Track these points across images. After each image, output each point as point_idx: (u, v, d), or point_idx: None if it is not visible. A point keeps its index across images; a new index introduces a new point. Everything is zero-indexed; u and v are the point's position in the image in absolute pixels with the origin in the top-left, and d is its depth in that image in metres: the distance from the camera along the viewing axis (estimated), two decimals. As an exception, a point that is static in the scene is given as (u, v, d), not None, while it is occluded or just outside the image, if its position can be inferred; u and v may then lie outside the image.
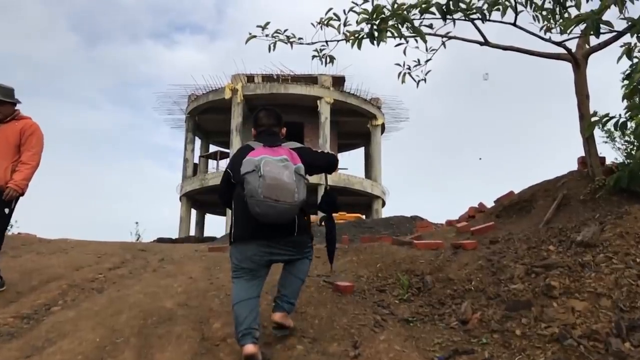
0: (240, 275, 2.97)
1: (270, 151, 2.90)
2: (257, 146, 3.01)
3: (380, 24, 4.43)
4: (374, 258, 4.90)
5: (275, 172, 2.74)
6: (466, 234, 5.48)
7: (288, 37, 6.05)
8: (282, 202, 2.73)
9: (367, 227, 7.95)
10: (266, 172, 2.72)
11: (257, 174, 2.73)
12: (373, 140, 23.51)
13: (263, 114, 3.26)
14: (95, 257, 6.22)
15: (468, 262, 4.15)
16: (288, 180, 2.76)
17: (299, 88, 21.54)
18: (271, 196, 2.70)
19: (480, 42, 5.88)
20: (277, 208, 2.73)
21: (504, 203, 5.72)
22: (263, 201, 2.71)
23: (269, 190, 2.70)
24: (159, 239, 16.30)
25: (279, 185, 2.72)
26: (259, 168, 2.74)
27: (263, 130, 3.20)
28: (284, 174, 2.76)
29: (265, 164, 2.75)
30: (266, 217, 2.77)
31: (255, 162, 2.77)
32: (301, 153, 3.02)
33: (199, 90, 22.99)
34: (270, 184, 2.71)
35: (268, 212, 2.74)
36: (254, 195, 2.72)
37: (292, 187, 2.76)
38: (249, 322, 2.83)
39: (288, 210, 2.77)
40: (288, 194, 2.74)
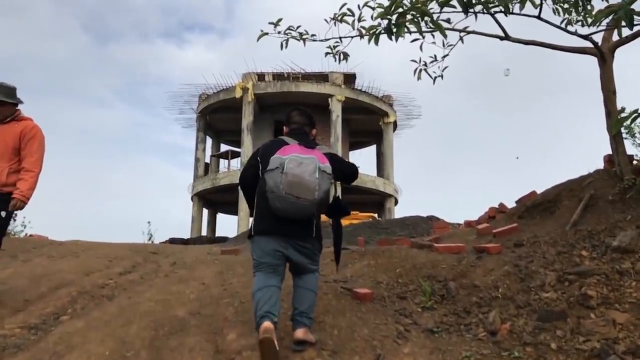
0: (261, 269, 3.03)
1: (303, 150, 2.99)
2: (292, 142, 3.08)
3: (399, 18, 4.22)
4: (392, 262, 4.71)
5: (298, 170, 2.83)
6: (488, 237, 5.27)
7: (301, 34, 5.89)
8: (303, 199, 2.82)
9: (382, 228, 7.75)
10: (289, 170, 2.82)
11: (279, 171, 2.83)
12: (385, 138, 23.23)
13: (296, 112, 3.36)
14: (106, 261, 6.10)
15: (493, 268, 3.96)
16: (309, 177, 2.84)
17: (310, 86, 21.33)
18: (292, 192, 2.80)
19: (501, 37, 5.68)
20: (296, 204, 2.83)
21: (527, 204, 5.50)
22: (284, 197, 2.81)
23: (290, 186, 2.80)
24: (171, 239, 16.23)
25: (300, 182, 2.81)
26: (283, 166, 2.84)
27: (295, 127, 3.28)
28: (306, 172, 2.84)
29: (290, 161, 2.85)
30: (285, 212, 2.86)
31: (282, 160, 2.87)
32: (331, 158, 3.11)
33: (209, 89, 22.89)
34: (292, 181, 2.80)
35: (287, 207, 2.84)
36: (274, 191, 2.83)
37: (313, 184, 2.84)
38: (268, 306, 2.86)
39: (307, 207, 2.86)
40: (308, 191, 2.82)
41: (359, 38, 5.87)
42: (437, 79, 6.25)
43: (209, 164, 24.49)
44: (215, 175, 22.36)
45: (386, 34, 4.35)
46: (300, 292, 3.11)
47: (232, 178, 20.90)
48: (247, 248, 7.79)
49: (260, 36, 5.72)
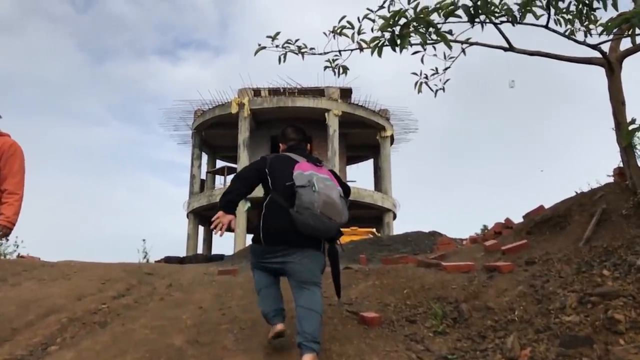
0: (260, 267, 3.17)
1: (315, 168, 3.04)
2: (300, 159, 3.11)
3: (403, 30, 4.08)
4: (399, 282, 4.51)
5: (328, 191, 2.91)
6: (496, 254, 5.08)
7: (299, 48, 5.76)
8: (334, 221, 2.90)
9: (384, 245, 7.55)
10: (320, 189, 2.87)
11: (311, 189, 2.86)
12: (382, 152, 23.09)
13: (291, 129, 3.44)
14: (99, 284, 5.87)
15: (507, 288, 3.76)
16: (338, 201, 2.94)
17: (306, 101, 21.22)
18: (326, 213, 2.86)
19: (504, 48, 5.55)
20: (328, 225, 2.89)
21: (535, 219, 5.32)
22: (319, 216, 2.84)
23: (326, 207, 2.86)
24: (166, 258, 15.94)
25: (333, 204, 2.90)
26: (312, 184, 2.87)
27: (293, 144, 3.34)
28: (335, 194, 2.94)
29: (318, 181, 2.91)
30: (315, 231, 2.88)
31: (307, 176, 2.92)
32: (336, 177, 3.19)
33: (205, 105, 22.75)
34: (327, 202, 2.86)
35: (319, 227, 2.87)
36: (309, 208, 2.83)
37: (341, 207, 2.95)
38: (278, 304, 3.10)
39: (334, 228, 2.96)
40: (339, 213, 2.92)
41: (359, 51, 5.74)
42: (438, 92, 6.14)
43: (204, 181, 24.26)
44: (211, 191, 22.11)
45: (389, 45, 4.21)
46: (305, 314, 2.97)
47: (229, 194, 20.72)
48: (245, 267, 7.58)
49: (257, 50, 5.59)
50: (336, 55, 5.78)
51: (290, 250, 2.96)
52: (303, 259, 2.98)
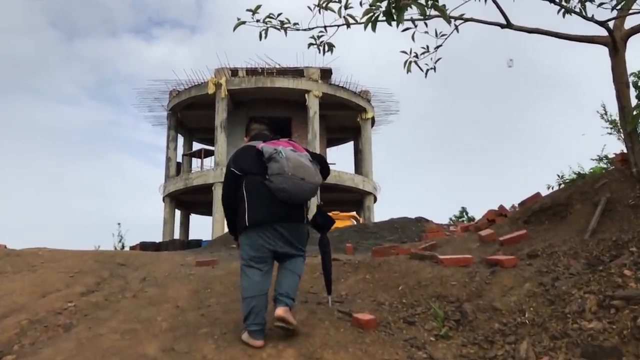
0: (251, 265, 3.08)
1: (278, 143, 3.15)
2: (257, 143, 3.22)
3: (399, 1, 3.68)
4: (392, 278, 4.19)
5: (296, 155, 3.04)
6: (493, 245, 4.80)
7: (282, 23, 5.33)
8: (307, 181, 2.99)
9: (370, 232, 7.24)
10: (288, 155, 3.00)
11: (279, 155, 2.99)
12: (363, 135, 22.70)
13: (254, 121, 3.57)
14: (67, 277, 5.44)
15: (513, 285, 3.47)
16: (307, 162, 3.05)
17: (285, 81, 20.65)
18: (298, 174, 2.96)
19: (502, 25, 5.24)
20: (302, 186, 2.98)
21: (533, 207, 5.04)
22: (290, 177, 2.94)
23: (296, 169, 2.97)
24: (142, 244, 15.43)
25: (303, 165, 3.01)
26: (278, 151, 3.00)
27: (255, 134, 3.45)
28: (303, 157, 3.07)
29: (284, 150, 3.03)
30: (291, 194, 2.98)
31: (275, 148, 3.05)
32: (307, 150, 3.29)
33: (180, 85, 21.98)
34: (296, 165, 2.98)
35: (293, 189, 2.97)
36: (281, 173, 2.96)
37: (312, 169, 3.07)
38: (261, 318, 3.01)
39: (311, 189, 3.03)
40: (311, 174, 3.03)
41: (346, 27, 5.36)
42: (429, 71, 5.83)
43: (181, 164, 23.61)
44: (187, 175, 21.50)
45: (385, 18, 3.81)
46: (285, 274, 3.16)
47: (206, 178, 20.14)
48: (225, 258, 7.20)
49: (237, 25, 5.15)
50: (321, 32, 5.40)
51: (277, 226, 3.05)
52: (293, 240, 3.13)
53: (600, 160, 13.14)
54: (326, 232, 3.45)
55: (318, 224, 3.40)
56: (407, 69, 5.59)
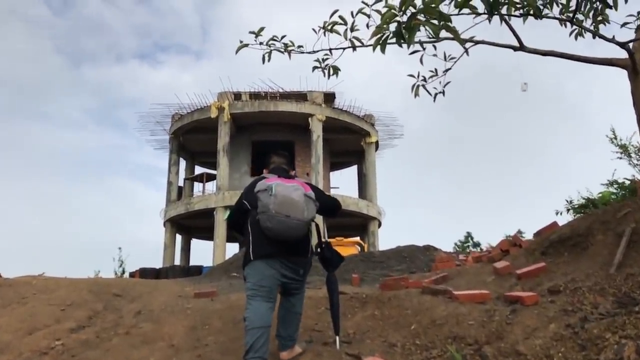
0: (257, 295, 3.02)
1: (284, 180, 3.13)
2: (272, 177, 3.20)
3: (411, 20, 3.48)
4: (404, 315, 3.90)
5: (286, 192, 2.98)
6: (509, 278, 4.51)
7: (286, 45, 5.16)
8: (292, 217, 2.92)
9: (377, 262, 6.95)
10: (278, 192, 2.96)
11: (268, 193, 2.97)
12: (367, 159, 22.47)
13: (273, 154, 3.49)
14: (58, 310, 5.16)
15: (537, 327, 3.17)
16: (297, 198, 2.98)
17: (289, 105, 20.53)
18: (281, 211, 2.90)
19: (515, 47, 5.06)
20: (287, 223, 2.91)
21: (550, 237, 4.77)
22: (274, 216, 2.90)
23: (280, 206, 2.91)
24: (142, 270, 15.14)
25: (289, 201, 2.94)
26: (271, 188, 2.99)
27: (274, 167, 3.40)
28: (294, 194, 2.99)
29: (277, 186, 3.01)
30: (276, 232, 2.94)
31: (268, 184, 3.03)
32: (312, 187, 3.23)
33: (183, 109, 21.88)
34: (282, 201, 2.92)
35: (278, 227, 2.92)
36: (265, 211, 2.94)
37: (302, 205, 2.97)
38: (263, 352, 2.93)
39: (298, 225, 2.95)
40: (297, 210, 2.94)
41: (352, 50, 5.19)
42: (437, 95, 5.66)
43: (182, 188, 23.38)
44: (189, 199, 21.22)
45: (395, 39, 3.60)
46: (288, 316, 3.21)
47: (207, 202, 19.88)
48: (225, 288, 6.91)
49: (239, 47, 4.98)
50: (326, 55, 5.23)
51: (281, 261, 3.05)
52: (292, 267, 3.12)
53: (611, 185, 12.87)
54: (334, 269, 3.37)
55: (326, 259, 3.33)
56: (414, 93, 5.42)
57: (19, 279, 7.17)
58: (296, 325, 3.31)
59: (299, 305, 3.33)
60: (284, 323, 3.25)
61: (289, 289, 3.26)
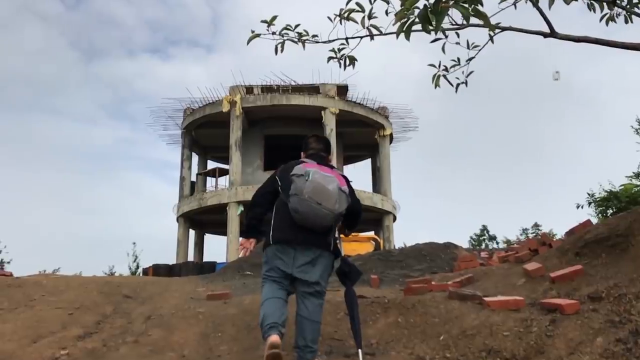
0: (271, 277, 3.02)
1: (322, 168, 3.04)
2: (310, 162, 3.12)
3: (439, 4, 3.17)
4: (430, 323, 3.63)
5: (322, 180, 2.91)
6: (542, 281, 4.20)
7: (300, 35, 4.90)
8: (323, 206, 2.85)
9: (396, 261, 6.67)
10: (314, 178, 2.90)
11: (304, 178, 2.91)
12: (381, 152, 22.10)
13: (314, 139, 3.40)
14: (65, 315, 4.96)
15: (582, 340, 2.88)
16: (332, 189, 2.90)
17: (301, 98, 20.23)
18: (314, 197, 2.84)
19: (545, 34, 4.77)
20: (317, 210, 2.85)
21: (586, 237, 4.44)
22: (306, 200, 2.84)
23: (314, 192, 2.85)
24: (155, 267, 15.05)
25: (323, 190, 2.87)
26: (308, 174, 2.92)
27: (313, 153, 3.30)
28: (329, 184, 2.92)
29: (315, 173, 2.94)
30: (303, 216, 2.87)
31: (306, 169, 2.96)
32: (347, 182, 3.14)
33: (195, 103, 21.69)
34: (316, 187, 2.86)
35: (308, 212, 2.85)
36: (297, 194, 2.87)
37: (335, 196, 2.90)
38: (276, 317, 2.86)
39: (327, 215, 2.87)
40: (330, 200, 2.87)
41: (369, 39, 4.93)
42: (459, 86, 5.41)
43: (195, 183, 23.23)
44: (202, 194, 21.05)
45: (421, 24, 3.30)
46: (304, 322, 3.00)
47: (220, 197, 19.71)
48: (238, 288, 6.67)
49: (251, 38, 4.76)
50: (342, 44, 4.98)
51: (298, 249, 2.94)
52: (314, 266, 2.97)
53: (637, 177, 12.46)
54: (352, 284, 3.19)
55: (344, 273, 3.15)
56: (435, 84, 5.16)
57: (30, 279, 7.01)
58: (315, 334, 3.05)
59: (317, 313, 3.05)
60: (301, 332, 3.01)
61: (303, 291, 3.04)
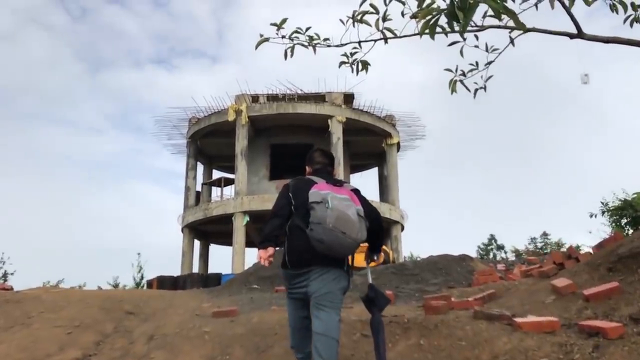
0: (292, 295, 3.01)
1: (334, 189, 2.95)
2: (320, 181, 3.04)
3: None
4: (457, 347, 3.33)
5: (342, 207, 2.82)
6: (574, 299, 3.89)
7: (311, 38, 4.68)
8: (348, 236, 2.76)
9: (410, 274, 6.37)
10: (334, 206, 2.80)
11: (324, 205, 2.81)
12: (389, 161, 21.78)
13: (318, 153, 3.33)
14: (63, 334, 4.71)
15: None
16: (353, 217, 2.82)
17: (308, 107, 19.96)
18: (339, 227, 2.75)
19: (571, 34, 4.52)
20: (342, 240, 2.76)
21: (619, 251, 4.13)
22: (331, 230, 2.75)
23: (339, 221, 2.76)
24: (159, 279, 14.75)
25: (347, 219, 2.78)
26: (326, 200, 2.82)
27: (319, 168, 3.23)
28: (350, 211, 2.83)
29: (333, 199, 2.84)
30: (329, 246, 2.77)
31: (322, 194, 2.85)
32: (359, 197, 3.04)
33: (200, 112, 21.46)
34: (339, 216, 2.77)
35: (333, 241, 2.76)
36: (321, 223, 2.77)
37: (357, 225, 2.81)
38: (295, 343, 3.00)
39: (351, 245, 2.80)
40: (354, 229, 2.79)
41: (384, 42, 4.71)
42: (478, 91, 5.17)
43: (200, 193, 22.97)
44: (207, 205, 20.76)
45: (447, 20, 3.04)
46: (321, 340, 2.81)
47: (226, 208, 19.43)
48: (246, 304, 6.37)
49: (259, 42, 4.55)
50: (355, 48, 4.76)
51: (312, 269, 2.86)
52: (324, 275, 2.86)
53: (654, 186, 12.13)
54: (380, 311, 3.05)
55: (370, 300, 3.02)
56: (451, 89, 4.93)
57: (29, 293, 6.76)
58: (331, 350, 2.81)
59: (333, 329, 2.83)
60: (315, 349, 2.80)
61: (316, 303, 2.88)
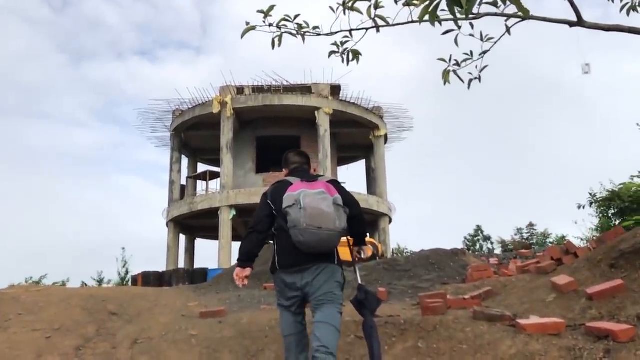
0: (285, 305, 2.95)
1: (307, 185, 2.95)
2: (295, 181, 3.04)
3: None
4: (458, 351, 3.17)
5: (314, 203, 2.82)
6: (576, 297, 3.76)
7: (300, 26, 4.51)
8: (325, 229, 2.78)
9: (402, 270, 6.21)
10: (306, 204, 2.81)
11: (297, 207, 2.82)
12: (376, 153, 21.60)
13: (292, 154, 3.34)
14: (42, 339, 4.49)
15: (647, 377, 2.43)
16: (327, 209, 2.82)
17: (294, 98, 19.67)
18: (313, 224, 2.77)
19: (571, 22, 4.40)
20: (319, 235, 2.78)
21: (621, 247, 4.00)
22: (306, 229, 2.76)
23: (312, 218, 2.77)
24: (144, 274, 14.48)
25: (321, 213, 2.79)
26: (299, 202, 2.83)
27: (295, 167, 3.25)
28: (323, 204, 2.83)
29: (305, 197, 2.84)
30: (309, 245, 2.79)
31: (295, 196, 2.86)
32: (337, 186, 3.04)
33: (184, 104, 21.04)
34: (312, 213, 2.78)
35: (311, 239, 2.78)
36: (296, 225, 2.79)
37: (332, 215, 2.82)
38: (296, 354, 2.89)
39: (330, 236, 2.80)
40: (329, 221, 2.79)
41: (375, 30, 4.57)
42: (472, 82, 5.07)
43: (185, 186, 22.61)
44: (192, 199, 20.41)
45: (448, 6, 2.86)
46: (320, 326, 2.78)
47: (211, 202, 19.13)
48: (234, 303, 6.19)
49: (246, 30, 4.36)
50: (346, 37, 4.62)
51: (304, 268, 2.84)
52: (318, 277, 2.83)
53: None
54: (372, 313, 2.99)
55: (360, 302, 2.98)
56: (445, 80, 4.81)
57: (7, 293, 6.48)
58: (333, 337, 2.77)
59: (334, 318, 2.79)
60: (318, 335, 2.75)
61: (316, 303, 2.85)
